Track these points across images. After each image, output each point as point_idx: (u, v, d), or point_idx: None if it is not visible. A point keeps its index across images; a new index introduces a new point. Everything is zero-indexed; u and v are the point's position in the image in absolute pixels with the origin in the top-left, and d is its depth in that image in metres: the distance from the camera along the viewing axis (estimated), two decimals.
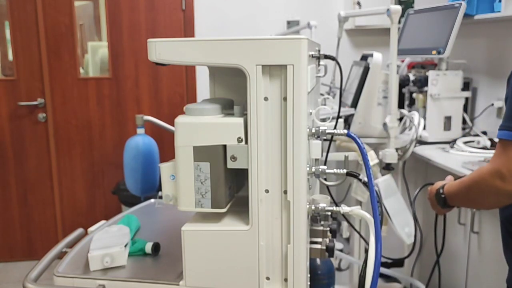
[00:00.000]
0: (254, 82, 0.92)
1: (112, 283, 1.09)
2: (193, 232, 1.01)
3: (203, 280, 1.02)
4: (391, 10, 2.07)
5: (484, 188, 1.14)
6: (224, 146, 0.96)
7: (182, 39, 0.95)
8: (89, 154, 3.31)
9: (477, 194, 1.18)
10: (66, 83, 3.20)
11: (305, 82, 0.91)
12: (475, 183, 1.18)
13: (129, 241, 1.24)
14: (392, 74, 2.14)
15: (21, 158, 3.24)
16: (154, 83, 3.29)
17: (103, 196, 3.37)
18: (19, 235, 3.34)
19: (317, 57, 1.06)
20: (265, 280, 1.00)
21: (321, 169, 1.07)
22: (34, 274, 1.13)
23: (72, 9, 3.14)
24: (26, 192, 3.29)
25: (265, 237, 0.99)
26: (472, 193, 1.20)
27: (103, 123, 3.28)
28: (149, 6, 3.20)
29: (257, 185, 0.96)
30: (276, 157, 0.96)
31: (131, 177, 2.46)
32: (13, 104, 3.17)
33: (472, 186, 1.19)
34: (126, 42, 3.21)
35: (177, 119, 0.98)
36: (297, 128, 0.92)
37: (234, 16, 3.29)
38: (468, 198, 1.24)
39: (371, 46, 3.31)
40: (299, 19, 3.31)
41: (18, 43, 3.12)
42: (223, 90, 1.18)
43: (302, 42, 0.89)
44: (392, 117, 2.14)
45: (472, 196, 1.21)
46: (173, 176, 1.01)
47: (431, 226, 2.16)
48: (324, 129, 1.03)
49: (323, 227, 1.08)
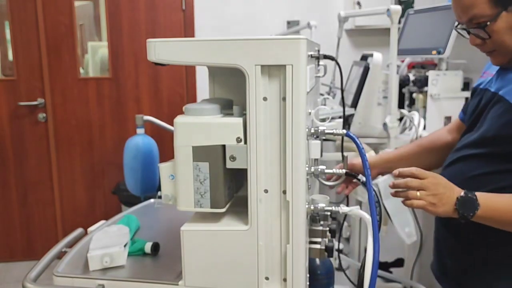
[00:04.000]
0: (253, 82, 0.92)
1: (111, 283, 1.09)
2: (192, 232, 1.01)
3: (202, 280, 1.02)
4: (391, 10, 2.07)
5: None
6: (223, 146, 0.96)
7: (181, 39, 0.95)
8: (89, 154, 3.31)
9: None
10: (66, 83, 3.20)
11: (304, 82, 0.91)
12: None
13: (129, 241, 1.24)
14: (392, 74, 2.14)
15: (21, 158, 3.24)
16: (154, 83, 3.29)
17: (103, 196, 3.37)
18: (19, 235, 3.33)
19: (317, 57, 1.06)
20: (264, 280, 1.00)
21: (320, 169, 1.07)
22: (33, 274, 1.14)
23: (72, 9, 3.14)
24: (26, 192, 3.29)
25: (264, 237, 0.98)
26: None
27: (103, 123, 3.28)
28: (149, 6, 3.20)
29: (256, 185, 0.96)
30: (275, 157, 0.96)
31: (131, 177, 2.47)
32: (13, 104, 3.17)
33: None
34: (126, 42, 3.21)
35: (177, 119, 0.98)
36: (296, 128, 0.92)
37: (234, 16, 3.29)
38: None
39: (371, 46, 3.30)
40: (299, 19, 3.30)
41: (18, 43, 3.12)
42: (223, 90, 1.18)
43: (301, 42, 0.89)
44: (392, 117, 2.14)
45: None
46: (173, 176, 1.01)
47: (431, 226, 2.16)
48: (323, 129, 1.03)
49: (322, 227, 1.08)
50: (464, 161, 1.24)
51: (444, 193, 1.10)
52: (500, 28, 1.11)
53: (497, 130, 1.15)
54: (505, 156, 1.14)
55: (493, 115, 1.18)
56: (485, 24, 1.11)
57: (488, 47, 1.17)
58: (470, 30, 1.17)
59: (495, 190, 1.14)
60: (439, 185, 1.11)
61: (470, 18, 1.14)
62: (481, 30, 1.13)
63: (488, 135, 1.17)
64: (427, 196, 1.09)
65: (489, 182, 1.17)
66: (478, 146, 1.20)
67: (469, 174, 1.21)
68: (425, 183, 1.10)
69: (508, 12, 1.10)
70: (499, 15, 1.10)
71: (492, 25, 1.11)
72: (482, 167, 1.19)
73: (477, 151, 1.21)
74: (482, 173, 1.19)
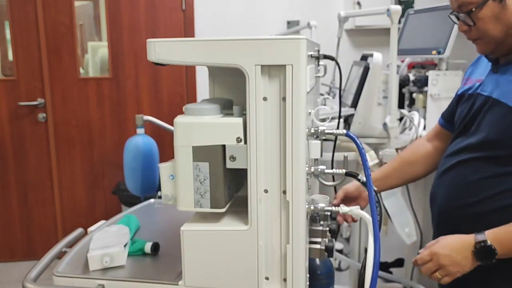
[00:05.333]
0: (253, 82, 0.92)
1: (111, 283, 1.09)
2: (192, 232, 1.01)
3: (202, 280, 1.02)
4: (391, 10, 2.07)
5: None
6: (223, 146, 0.96)
7: (181, 39, 0.95)
8: (89, 154, 3.31)
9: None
10: (66, 83, 3.20)
11: (304, 82, 0.91)
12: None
13: (129, 241, 1.24)
14: (392, 74, 2.14)
15: (21, 158, 3.24)
16: (154, 83, 3.29)
17: (103, 196, 3.37)
18: (19, 235, 3.33)
19: (317, 57, 1.06)
20: (264, 280, 1.00)
21: (320, 169, 1.07)
22: (33, 274, 1.13)
23: (72, 9, 3.14)
24: (26, 192, 3.29)
25: (264, 237, 0.98)
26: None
27: (103, 123, 3.28)
28: (149, 6, 3.20)
29: (256, 185, 0.96)
30: (275, 157, 0.96)
31: (131, 177, 2.47)
32: (13, 104, 3.17)
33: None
34: (126, 42, 3.21)
35: (176, 119, 0.98)
36: (296, 128, 0.92)
37: (234, 16, 3.29)
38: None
39: (371, 46, 3.30)
40: (299, 19, 3.30)
41: (18, 43, 3.11)
42: (223, 90, 1.18)
43: (301, 42, 0.89)
44: (392, 117, 2.14)
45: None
46: (172, 176, 1.01)
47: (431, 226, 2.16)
48: (323, 129, 1.03)
49: (322, 227, 1.08)
50: (462, 165, 1.25)
51: (457, 258, 1.13)
52: (485, 16, 1.15)
53: (500, 133, 1.16)
54: (508, 158, 1.16)
55: (493, 119, 1.19)
56: (471, 10, 1.16)
57: (474, 34, 1.21)
58: (459, 16, 1.22)
59: (495, 195, 1.17)
60: (451, 252, 1.14)
61: (459, 4, 1.18)
62: (468, 16, 1.18)
63: (490, 139, 1.19)
64: (447, 271, 1.14)
65: (489, 186, 1.19)
66: (478, 150, 1.22)
67: (469, 179, 1.22)
68: (439, 261, 1.14)
69: (494, 1, 1.14)
70: (485, 3, 1.14)
71: (477, 12, 1.15)
72: (482, 171, 1.20)
73: (477, 154, 1.22)
74: (482, 177, 1.20)
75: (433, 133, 1.51)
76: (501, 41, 1.18)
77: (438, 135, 1.47)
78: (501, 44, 1.19)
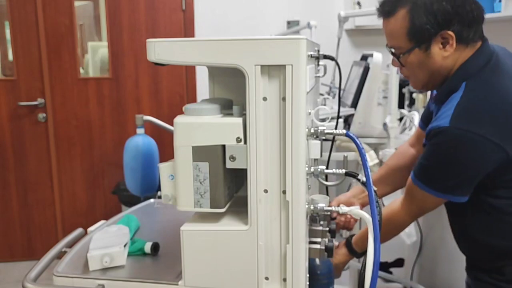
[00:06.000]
0: (253, 82, 0.92)
1: (111, 283, 1.09)
2: (192, 232, 1.01)
3: (202, 280, 1.02)
4: None
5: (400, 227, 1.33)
6: (223, 146, 0.96)
7: (181, 39, 0.95)
8: (89, 154, 3.31)
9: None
10: (66, 83, 3.20)
11: (304, 82, 0.91)
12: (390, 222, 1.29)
13: (129, 241, 1.24)
14: (392, 74, 2.15)
15: (21, 158, 3.24)
16: (154, 83, 3.29)
17: (103, 196, 3.37)
18: (19, 235, 3.33)
19: (316, 57, 1.06)
20: (264, 280, 1.00)
21: (320, 169, 1.07)
22: (33, 274, 1.14)
23: (72, 9, 3.14)
24: (26, 192, 3.29)
25: (264, 237, 0.99)
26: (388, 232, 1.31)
27: (103, 123, 3.28)
28: (149, 6, 3.20)
29: (256, 185, 0.96)
30: (275, 157, 0.96)
31: (131, 177, 2.47)
32: (13, 104, 3.17)
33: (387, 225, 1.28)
34: (126, 42, 3.21)
35: (176, 119, 0.98)
36: (296, 128, 0.92)
37: (234, 16, 3.29)
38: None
39: (371, 46, 3.30)
40: (299, 19, 3.30)
41: (18, 43, 3.12)
42: (222, 90, 1.18)
43: (301, 42, 0.90)
44: (392, 117, 2.14)
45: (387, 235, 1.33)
46: (172, 176, 1.01)
47: (431, 226, 2.16)
48: (323, 129, 1.03)
49: (322, 227, 1.08)
50: None
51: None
52: (412, 62, 1.22)
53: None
54: None
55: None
56: (400, 55, 1.23)
57: (404, 72, 1.30)
58: (392, 54, 1.29)
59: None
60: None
61: (391, 46, 1.26)
62: (397, 59, 1.25)
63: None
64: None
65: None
66: None
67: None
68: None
69: (420, 49, 1.20)
70: (412, 50, 1.20)
71: (405, 57, 1.23)
72: None
73: None
74: None
75: (414, 137, 1.55)
76: (427, 82, 1.26)
77: (419, 138, 1.49)
78: (427, 83, 1.27)
